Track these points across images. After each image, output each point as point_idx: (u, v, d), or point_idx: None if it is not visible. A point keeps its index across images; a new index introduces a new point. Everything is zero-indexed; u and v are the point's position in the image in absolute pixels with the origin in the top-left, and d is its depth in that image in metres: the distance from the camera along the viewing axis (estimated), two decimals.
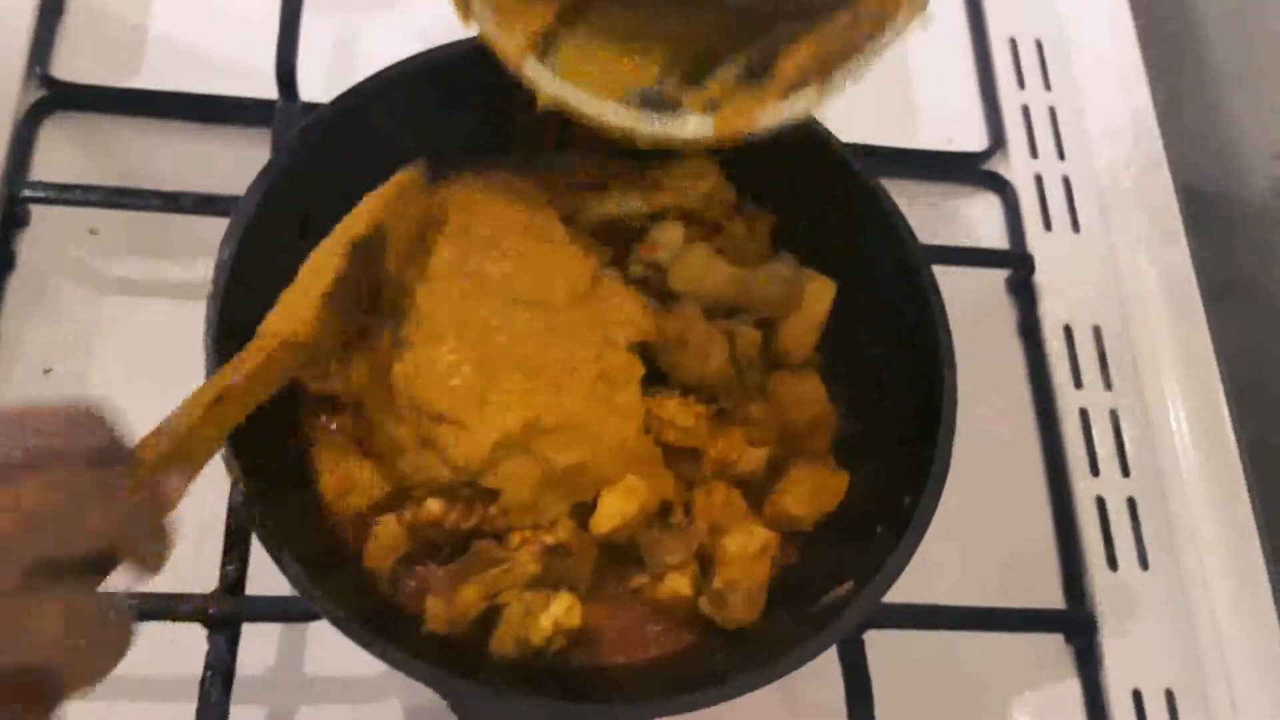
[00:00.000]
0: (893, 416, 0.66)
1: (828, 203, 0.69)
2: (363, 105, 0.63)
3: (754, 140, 0.58)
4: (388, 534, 0.59)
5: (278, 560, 0.52)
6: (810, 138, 0.67)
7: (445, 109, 0.66)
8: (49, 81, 0.76)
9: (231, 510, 0.62)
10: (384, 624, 0.54)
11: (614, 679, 0.59)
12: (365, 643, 0.51)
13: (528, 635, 0.57)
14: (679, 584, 0.60)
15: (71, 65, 0.77)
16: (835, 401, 0.69)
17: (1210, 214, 0.87)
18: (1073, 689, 0.71)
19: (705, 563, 0.61)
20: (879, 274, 0.67)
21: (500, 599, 0.58)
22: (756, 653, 0.57)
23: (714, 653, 0.60)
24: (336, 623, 0.51)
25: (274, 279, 0.61)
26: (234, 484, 0.55)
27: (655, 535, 0.61)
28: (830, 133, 0.67)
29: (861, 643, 0.64)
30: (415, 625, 0.58)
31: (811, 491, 0.64)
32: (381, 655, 0.51)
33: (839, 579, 0.59)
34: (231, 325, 0.56)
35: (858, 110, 0.86)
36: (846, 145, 0.67)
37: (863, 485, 0.66)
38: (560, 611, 0.58)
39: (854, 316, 0.69)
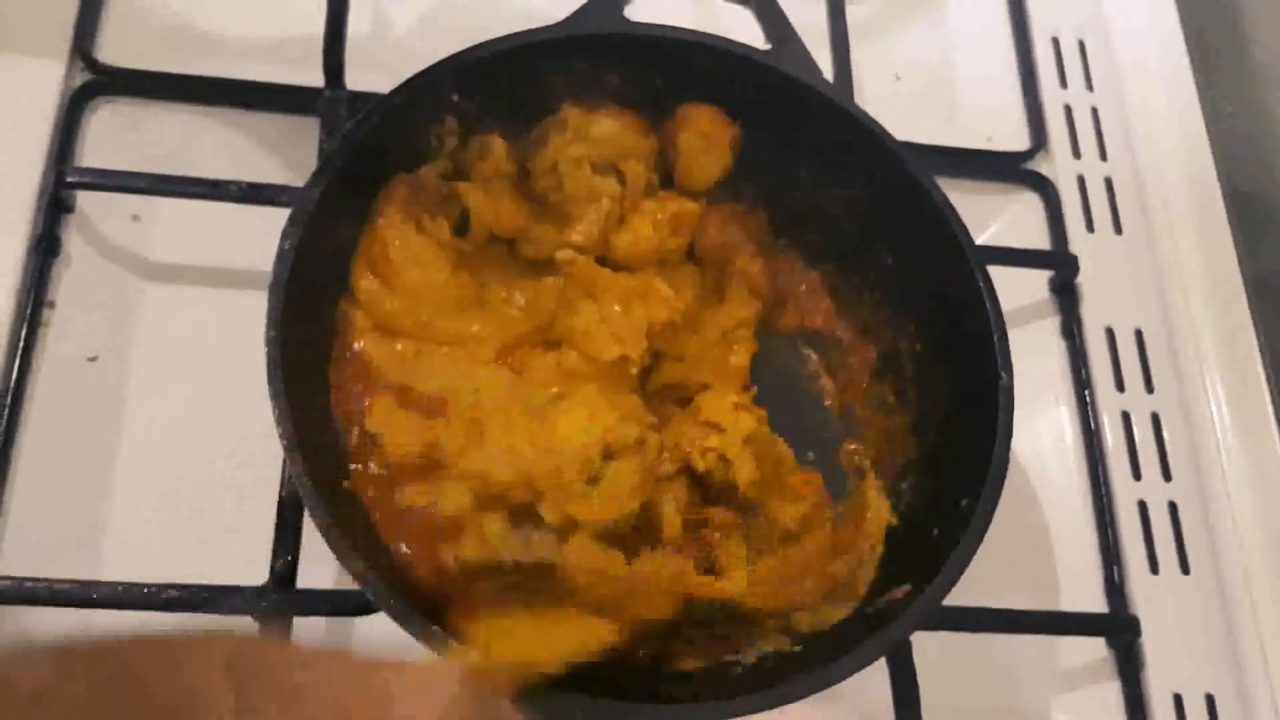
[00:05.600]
0: (939, 416, 0.66)
1: (875, 197, 0.69)
2: (420, 97, 0.63)
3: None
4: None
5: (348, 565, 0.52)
6: (863, 130, 0.67)
7: (500, 99, 0.66)
8: (93, 65, 0.75)
9: (282, 503, 0.62)
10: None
11: (664, 684, 0.59)
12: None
13: None
14: None
15: (116, 49, 0.76)
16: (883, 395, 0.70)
17: (1256, 215, 0.87)
18: (1113, 692, 0.71)
19: None
20: (929, 271, 0.67)
21: None
22: (812, 655, 0.57)
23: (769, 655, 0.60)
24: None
25: (330, 271, 0.62)
26: (292, 476, 0.54)
27: None
28: (882, 126, 0.67)
29: (908, 644, 0.64)
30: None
31: None
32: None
33: (894, 582, 0.59)
34: (290, 316, 0.55)
35: (897, 106, 0.87)
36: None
37: (914, 487, 0.66)
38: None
39: (899, 310, 0.70)
